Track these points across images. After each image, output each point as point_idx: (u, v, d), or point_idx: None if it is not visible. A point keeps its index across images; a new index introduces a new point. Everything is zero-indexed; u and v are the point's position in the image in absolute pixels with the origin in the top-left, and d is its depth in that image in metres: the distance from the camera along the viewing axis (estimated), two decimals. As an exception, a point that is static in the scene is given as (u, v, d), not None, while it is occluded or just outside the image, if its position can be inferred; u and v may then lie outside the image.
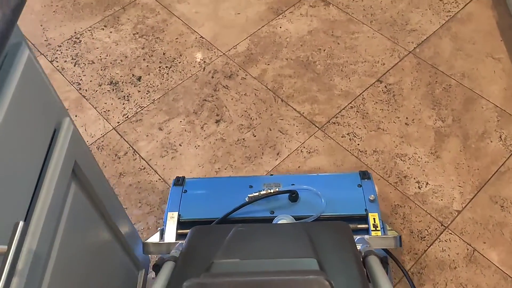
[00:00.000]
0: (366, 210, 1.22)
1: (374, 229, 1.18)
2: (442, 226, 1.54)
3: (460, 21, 2.10)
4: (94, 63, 2.03)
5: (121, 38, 2.11)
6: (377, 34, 2.06)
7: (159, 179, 1.67)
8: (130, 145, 1.77)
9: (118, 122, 1.83)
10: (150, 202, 1.61)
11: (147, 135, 1.79)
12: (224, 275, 0.63)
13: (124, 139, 1.78)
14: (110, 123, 1.83)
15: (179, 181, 1.35)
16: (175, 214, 1.23)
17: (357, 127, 1.78)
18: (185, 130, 1.80)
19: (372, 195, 1.25)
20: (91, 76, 1.98)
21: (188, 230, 0.98)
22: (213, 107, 1.86)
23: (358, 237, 1.06)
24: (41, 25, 2.18)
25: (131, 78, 1.96)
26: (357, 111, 1.83)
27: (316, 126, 1.79)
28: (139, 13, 2.20)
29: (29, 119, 0.69)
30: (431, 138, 1.74)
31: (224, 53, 2.03)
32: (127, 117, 1.85)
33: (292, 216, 1.18)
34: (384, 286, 0.77)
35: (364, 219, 1.22)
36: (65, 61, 2.03)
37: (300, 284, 0.58)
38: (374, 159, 1.69)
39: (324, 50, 2.02)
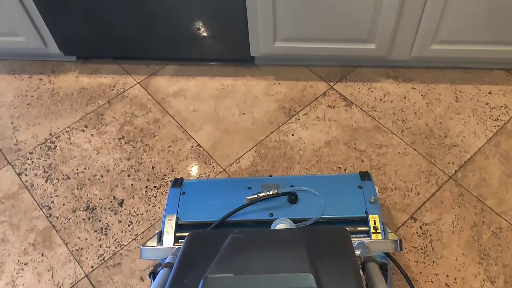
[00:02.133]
0: (366, 212, 1.19)
1: (374, 231, 1.16)
2: None
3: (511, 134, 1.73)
4: (69, 178, 1.70)
5: (103, 144, 1.78)
6: (410, 150, 1.70)
7: None
8: (103, 304, 1.44)
9: (92, 267, 1.50)
10: None
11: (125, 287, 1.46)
12: None
13: (97, 294, 1.46)
14: (82, 267, 1.50)
15: (177, 183, 1.32)
16: (173, 217, 1.22)
17: None
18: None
19: (372, 197, 1.22)
20: (65, 197, 1.65)
21: (186, 234, 0.96)
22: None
23: (358, 241, 1.04)
24: (12, 123, 1.86)
25: (111, 202, 1.63)
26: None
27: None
28: (127, 109, 1.87)
29: None
30: (478, 310, 1.39)
31: (224, 169, 1.69)
32: (103, 259, 1.52)
33: (291, 218, 1.14)
34: None
35: (364, 221, 1.19)
36: (36, 175, 1.71)
37: None
38: None
39: (345, 170, 1.67)
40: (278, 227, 1.11)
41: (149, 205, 1.62)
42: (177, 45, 1.85)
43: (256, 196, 1.22)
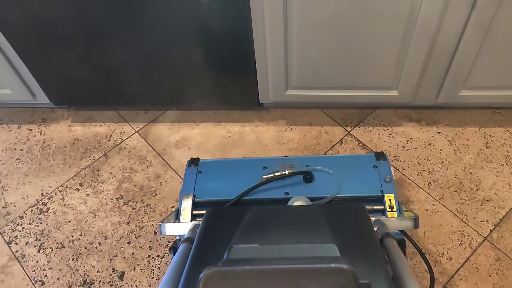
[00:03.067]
0: (381, 191, 1.20)
1: (390, 210, 1.16)
2: None
3: (550, 185, 1.57)
4: (64, 247, 1.54)
5: (100, 205, 1.61)
6: (439, 206, 1.54)
7: None
8: None
9: None
10: None
11: None
12: (244, 262, 0.60)
13: None
14: None
15: (194, 163, 1.33)
16: (190, 195, 1.23)
17: None
18: None
19: (388, 176, 1.23)
20: (59, 269, 1.49)
21: (203, 212, 0.98)
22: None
23: (374, 218, 1.04)
24: (0, 181, 1.69)
25: (111, 275, 1.47)
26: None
27: None
28: (125, 163, 1.71)
29: None
30: None
31: (234, 232, 1.53)
32: None
33: (307, 197, 1.15)
34: (402, 268, 0.76)
35: (379, 200, 1.19)
36: (27, 243, 1.55)
37: (322, 272, 0.57)
38: None
39: (368, 231, 1.50)
40: (295, 204, 1.11)
41: (152, 277, 1.46)
42: (179, 93, 1.69)
43: (272, 175, 1.23)
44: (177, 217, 1.21)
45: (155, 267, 1.48)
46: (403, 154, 1.66)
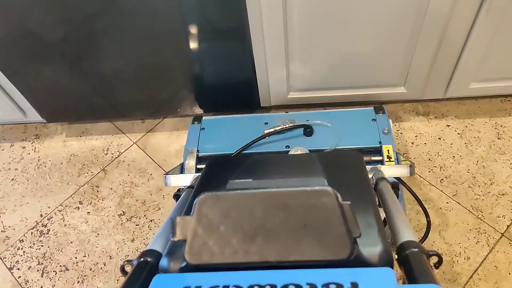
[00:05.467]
0: (380, 142, 1.23)
1: (388, 160, 1.19)
2: None
3: None
4: (68, 269, 1.48)
5: (102, 223, 1.56)
6: (453, 204, 1.49)
7: None
8: None
9: None
10: None
11: None
12: (235, 188, 0.63)
13: None
14: None
15: (197, 120, 1.39)
16: (194, 149, 1.29)
17: None
18: None
19: (386, 128, 1.26)
20: (65, 294, 1.44)
21: None
22: None
23: (371, 166, 1.05)
24: (-4, 204, 1.63)
25: (118, 297, 1.42)
26: None
27: None
28: (125, 177, 1.64)
29: None
30: None
31: (243, 244, 1.47)
32: None
33: (308, 149, 1.18)
34: (393, 209, 0.79)
35: (378, 151, 1.23)
36: (29, 268, 1.49)
37: (307, 194, 0.60)
38: None
39: (381, 234, 1.45)
40: (294, 152, 1.14)
41: (162, 297, 1.41)
42: (176, 101, 1.61)
43: (272, 129, 1.29)
44: (181, 171, 1.26)
45: (164, 285, 1.43)
46: (412, 151, 1.60)
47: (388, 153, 1.21)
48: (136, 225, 1.54)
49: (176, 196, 1.07)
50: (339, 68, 1.42)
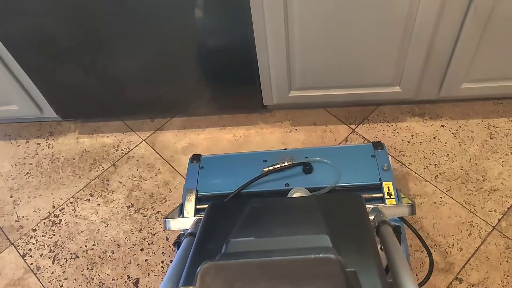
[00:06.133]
0: (380, 179, 1.22)
1: (388, 197, 1.18)
2: None
3: (556, 172, 1.58)
4: (78, 257, 1.55)
5: (112, 214, 1.63)
6: (447, 198, 1.56)
7: None
8: None
9: None
10: None
11: None
12: (239, 255, 0.63)
13: None
14: None
15: (196, 159, 1.37)
16: (193, 190, 1.26)
17: None
18: None
19: (385, 165, 1.25)
20: (75, 279, 1.51)
21: (206, 206, 1.01)
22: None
23: (372, 206, 1.04)
24: (11, 196, 1.72)
25: (125, 282, 1.49)
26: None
27: None
28: (134, 172, 1.73)
29: None
30: None
31: (245, 234, 1.54)
32: None
33: (307, 188, 1.15)
34: (395, 254, 0.79)
35: (378, 188, 1.21)
36: (41, 255, 1.57)
37: (310, 262, 0.60)
38: None
39: (378, 226, 1.51)
40: (294, 195, 1.12)
41: (167, 283, 1.47)
42: (183, 100, 1.71)
43: (271, 167, 1.27)
44: (181, 212, 1.24)
45: (169, 272, 1.49)
46: (408, 149, 1.68)
47: (389, 190, 1.20)
48: (144, 216, 1.62)
49: (177, 244, 1.06)
50: (337, 68, 1.50)
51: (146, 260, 1.53)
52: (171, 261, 1.52)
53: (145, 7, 1.36)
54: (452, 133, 1.70)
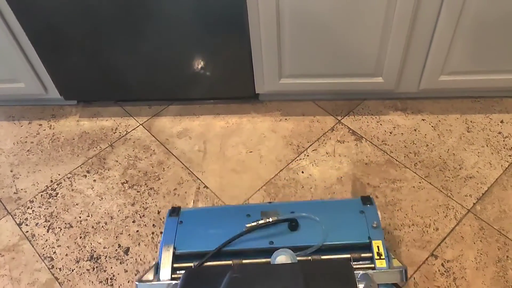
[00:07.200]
0: (369, 237, 1.16)
1: (378, 257, 1.12)
2: None
3: (528, 163, 1.67)
4: (72, 227, 1.62)
5: (106, 189, 1.71)
6: (425, 183, 1.64)
7: None
8: None
9: (97, 321, 1.41)
10: None
11: None
12: None
13: None
14: (87, 323, 1.41)
15: (174, 212, 1.27)
16: (171, 247, 1.17)
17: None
18: None
19: (375, 222, 1.19)
20: (68, 247, 1.57)
21: (184, 264, 1.00)
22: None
23: (361, 273, 1.03)
24: (11, 170, 1.80)
25: (116, 250, 1.55)
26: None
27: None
28: (130, 152, 1.81)
29: None
30: None
31: (233, 211, 1.62)
32: (110, 312, 1.43)
33: (293, 246, 1.10)
34: None
35: (367, 247, 1.15)
36: (37, 224, 1.63)
37: None
38: None
39: (359, 207, 1.60)
40: (278, 259, 1.07)
41: (156, 252, 1.54)
42: (180, 86, 1.82)
43: (255, 223, 1.17)
44: (157, 270, 1.15)
45: (159, 242, 1.56)
46: (390, 139, 1.78)
47: (378, 250, 1.13)
48: (137, 192, 1.70)
49: None
50: (323, 56, 1.62)
51: (137, 231, 1.60)
52: (161, 232, 1.59)
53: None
54: (432, 126, 1.81)
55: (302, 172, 1.71)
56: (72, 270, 1.52)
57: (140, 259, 1.53)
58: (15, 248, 1.58)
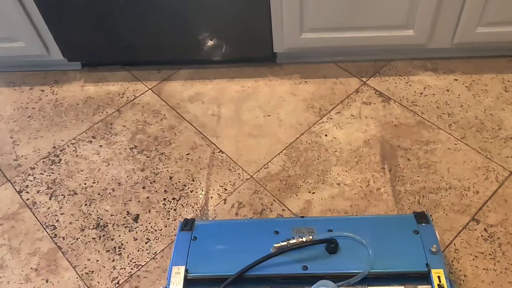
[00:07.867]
0: (427, 265, 0.96)
1: None
2: None
3: None
4: (76, 194, 1.49)
5: (114, 154, 1.58)
6: (461, 145, 1.50)
7: None
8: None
9: (105, 293, 1.28)
10: None
11: (146, 316, 1.23)
12: None
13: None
14: (93, 294, 1.28)
15: (188, 226, 1.08)
16: (181, 269, 0.99)
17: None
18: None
19: (434, 245, 0.98)
20: (72, 215, 1.44)
21: None
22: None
23: None
24: (11, 137, 1.67)
25: (125, 218, 1.42)
26: (449, 272, 1.25)
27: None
28: (139, 117, 1.68)
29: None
30: None
31: (251, 176, 1.49)
32: (118, 282, 1.29)
33: (332, 273, 0.94)
34: None
35: (425, 277, 0.95)
36: (38, 192, 1.50)
37: None
38: None
39: (390, 170, 1.46)
40: None
41: (168, 219, 1.41)
42: (191, 47, 1.68)
43: (285, 243, 0.99)
44: None
45: (171, 209, 1.43)
46: (421, 100, 1.64)
47: (440, 281, 0.93)
48: (147, 157, 1.57)
49: None
50: (349, 5, 1.48)
51: (148, 197, 1.46)
52: (173, 198, 1.45)
53: None
54: (466, 86, 1.66)
55: (326, 136, 1.57)
56: (77, 239, 1.39)
57: (151, 227, 1.39)
58: (15, 216, 1.46)
